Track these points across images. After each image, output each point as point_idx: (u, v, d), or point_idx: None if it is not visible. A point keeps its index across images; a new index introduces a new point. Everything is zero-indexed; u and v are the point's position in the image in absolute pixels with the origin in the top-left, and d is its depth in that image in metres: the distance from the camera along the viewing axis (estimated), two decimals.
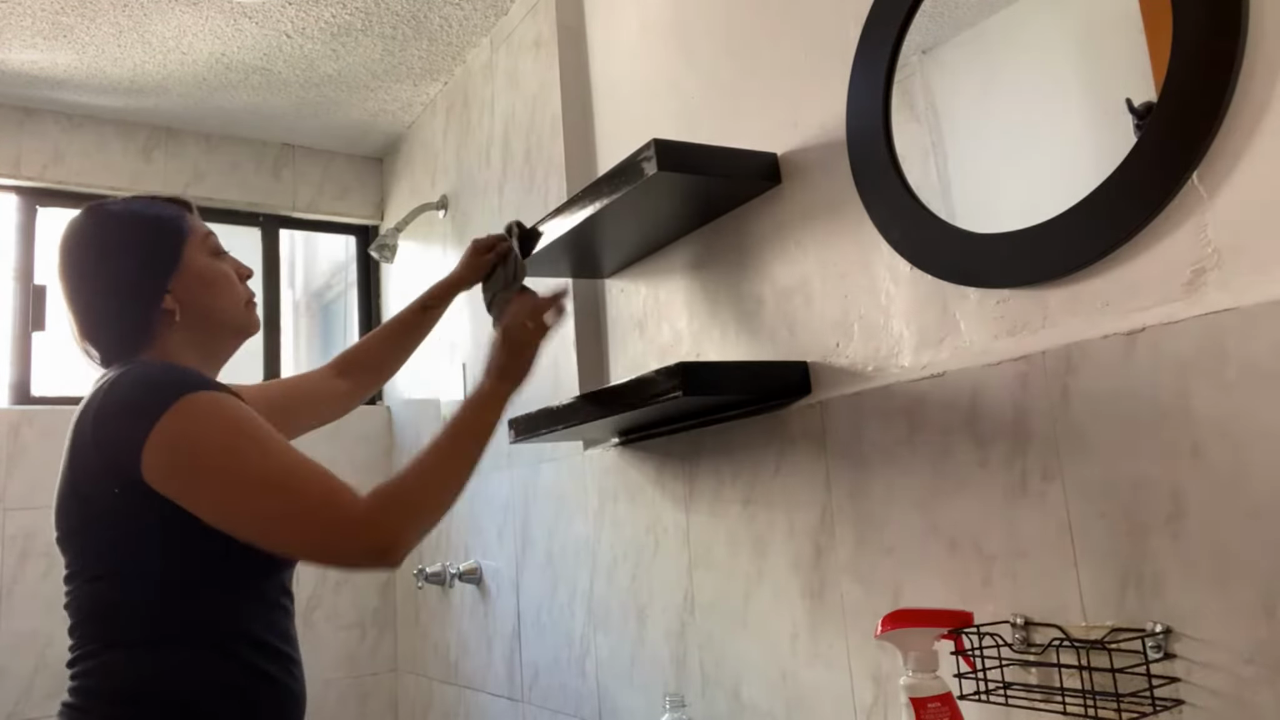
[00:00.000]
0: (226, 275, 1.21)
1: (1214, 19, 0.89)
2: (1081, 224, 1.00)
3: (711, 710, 1.51)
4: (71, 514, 1.07)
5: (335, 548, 1.02)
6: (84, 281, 1.15)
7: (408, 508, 1.04)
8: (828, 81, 1.35)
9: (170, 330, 1.15)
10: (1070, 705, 0.97)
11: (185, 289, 1.16)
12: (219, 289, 1.19)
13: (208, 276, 1.18)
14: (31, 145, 2.58)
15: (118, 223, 1.17)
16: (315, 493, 1.00)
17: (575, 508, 1.91)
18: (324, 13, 2.20)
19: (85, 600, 1.06)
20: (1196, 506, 0.89)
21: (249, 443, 1.02)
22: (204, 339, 1.18)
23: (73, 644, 1.07)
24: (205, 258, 1.19)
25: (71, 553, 1.08)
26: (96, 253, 1.16)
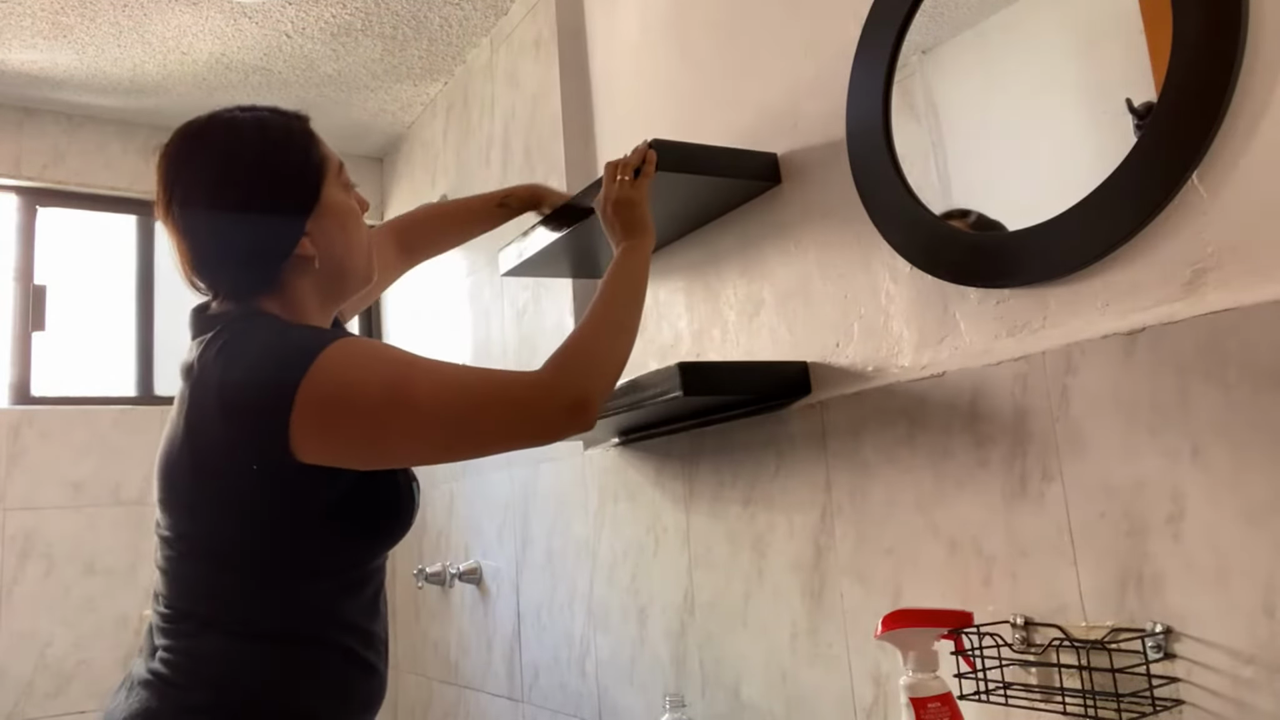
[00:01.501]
0: (355, 214, 1.09)
1: (1214, 19, 0.89)
2: (1081, 224, 1.00)
3: (711, 710, 1.51)
4: (185, 483, 0.98)
5: (532, 419, 0.97)
6: (207, 203, 1.00)
7: (588, 364, 1.01)
8: (828, 81, 1.35)
9: (301, 276, 1.04)
10: (1070, 705, 0.97)
11: (322, 231, 1.04)
12: (354, 231, 1.08)
13: (345, 216, 1.07)
14: (31, 145, 2.58)
15: (252, 141, 1.03)
16: (491, 381, 0.98)
17: (575, 508, 1.91)
18: (324, 13, 2.20)
19: (189, 573, 0.99)
20: (1196, 506, 0.89)
21: (400, 368, 0.95)
22: (331, 286, 1.08)
23: (167, 612, 0.99)
24: (342, 193, 1.07)
25: (181, 520, 0.99)
26: (226, 175, 1.01)
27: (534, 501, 2.06)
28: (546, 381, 0.98)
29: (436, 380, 0.95)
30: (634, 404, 1.36)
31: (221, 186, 1.01)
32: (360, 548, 1.02)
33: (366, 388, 0.93)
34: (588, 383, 1.00)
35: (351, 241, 1.07)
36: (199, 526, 0.98)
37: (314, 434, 0.91)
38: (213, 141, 1.03)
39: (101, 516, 2.49)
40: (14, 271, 2.56)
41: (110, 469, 2.52)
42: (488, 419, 0.96)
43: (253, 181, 1.01)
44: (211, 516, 0.97)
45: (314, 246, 1.02)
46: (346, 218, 1.07)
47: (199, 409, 0.96)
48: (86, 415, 2.52)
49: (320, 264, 1.03)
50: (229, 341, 0.97)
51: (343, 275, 1.08)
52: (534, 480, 2.07)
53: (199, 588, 0.99)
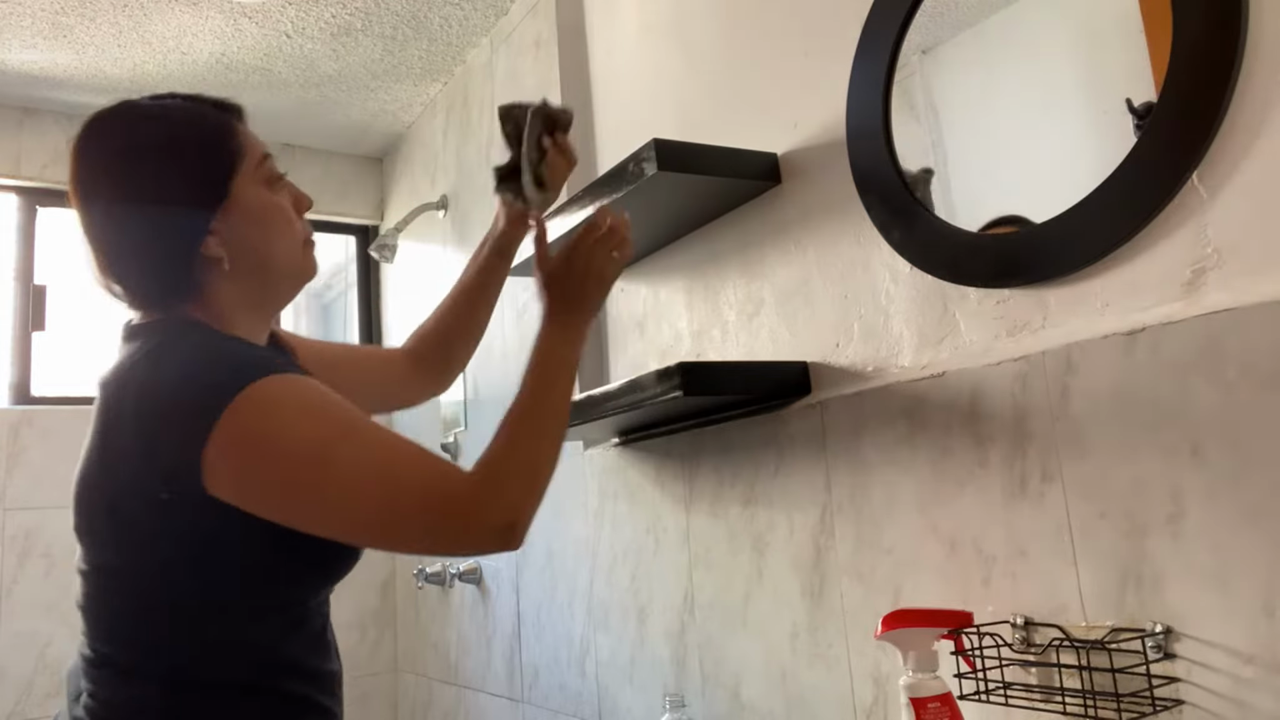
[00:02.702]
0: (283, 211, 0.99)
1: (1214, 19, 0.89)
2: (1081, 224, 1.00)
3: (711, 710, 1.51)
4: (98, 505, 0.89)
5: (454, 536, 0.88)
6: (105, 204, 0.92)
7: (522, 479, 0.90)
8: (828, 81, 1.35)
9: (217, 279, 0.94)
10: (1070, 705, 0.97)
11: (233, 229, 0.93)
12: (275, 229, 0.97)
13: (261, 213, 0.96)
14: (31, 145, 2.58)
15: (153, 131, 0.94)
16: (419, 479, 0.86)
17: (575, 508, 1.91)
18: (324, 13, 2.20)
19: (108, 612, 0.89)
20: (1196, 506, 0.89)
21: (332, 429, 0.85)
22: (257, 288, 0.97)
23: (89, 654, 0.90)
24: (258, 188, 0.97)
25: (94, 548, 0.90)
26: (123, 167, 0.93)
27: None
28: (477, 497, 0.87)
29: (361, 460, 0.84)
30: (634, 404, 1.36)
31: (118, 180, 0.92)
32: (304, 582, 0.93)
33: (286, 442, 0.83)
34: (521, 501, 0.90)
35: (272, 241, 0.97)
36: (117, 559, 0.88)
37: (224, 473, 0.82)
38: (113, 131, 0.94)
39: None
40: (14, 271, 2.56)
41: None
42: (403, 524, 0.86)
43: (149, 174, 0.92)
44: (129, 548, 0.87)
45: (222, 247, 0.93)
46: (265, 214, 0.96)
47: (114, 430, 0.88)
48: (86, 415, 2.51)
49: (234, 266, 0.93)
50: (149, 353, 0.89)
51: (267, 278, 0.98)
52: None
53: (120, 629, 0.89)
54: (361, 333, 3.05)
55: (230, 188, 0.94)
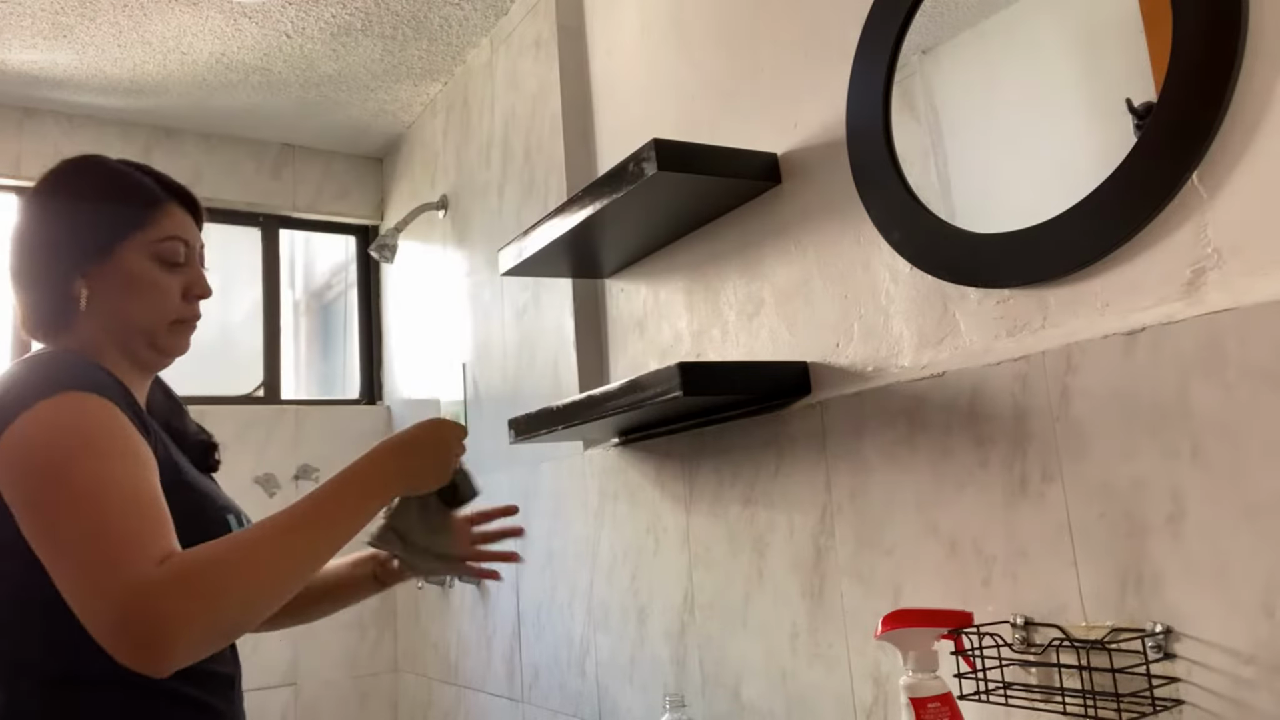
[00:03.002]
0: (157, 287, 1.03)
1: (1214, 19, 0.89)
2: (1081, 224, 1.00)
3: (711, 710, 1.51)
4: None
5: (96, 618, 0.76)
6: (17, 238, 1.03)
7: (210, 590, 0.78)
8: (828, 81, 1.35)
9: (86, 320, 1.00)
10: (1070, 705, 0.97)
11: (103, 284, 1.01)
12: (140, 298, 1.02)
13: (133, 281, 1.01)
14: (31, 145, 2.58)
15: (74, 184, 1.05)
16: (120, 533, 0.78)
17: (575, 508, 1.91)
18: (324, 13, 2.20)
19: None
20: (1196, 506, 0.89)
21: (85, 459, 0.83)
22: (121, 341, 1.02)
23: None
24: (146, 262, 1.02)
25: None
26: (39, 208, 1.04)
27: (534, 501, 2.06)
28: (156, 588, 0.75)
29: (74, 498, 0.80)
30: (634, 404, 1.36)
31: (30, 224, 1.03)
32: None
33: (40, 457, 0.83)
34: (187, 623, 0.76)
35: (134, 306, 1.02)
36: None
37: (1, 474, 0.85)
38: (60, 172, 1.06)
39: None
40: None
41: None
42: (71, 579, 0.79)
43: (57, 210, 1.03)
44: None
45: (85, 291, 0.99)
46: (136, 284, 1.02)
47: None
48: None
49: (90, 309, 1.00)
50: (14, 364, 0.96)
51: (127, 337, 1.02)
52: (534, 480, 2.07)
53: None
54: (361, 333, 3.05)
55: (114, 249, 1.01)
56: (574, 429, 1.57)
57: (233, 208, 2.86)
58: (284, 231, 3.00)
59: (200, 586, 0.77)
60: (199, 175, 2.79)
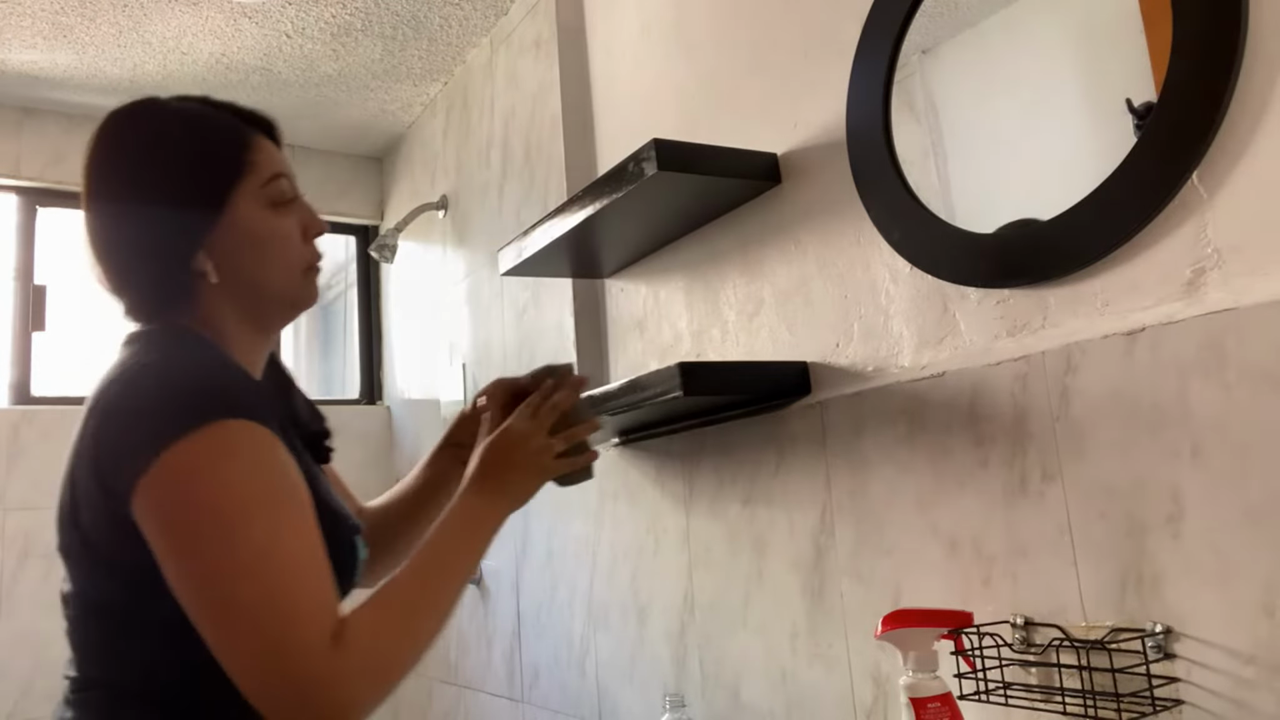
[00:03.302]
0: (278, 235, 0.93)
1: (1214, 19, 0.89)
2: (1081, 224, 1.00)
3: (711, 710, 1.51)
4: (67, 522, 0.85)
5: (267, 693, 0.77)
6: (102, 212, 0.90)
7: (382, 667, 0.81)
8: (828, 81, 1.35)
9: (208, 292, 0.90)
10: (1070, 705, 0.97)
11: (226, 249, 0.89)
12: (269, 254, 0.92)
13: (256, 236, 0.91)
14: (31, 145, 2.58)
15: (158, 133, 0.91)
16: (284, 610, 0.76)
17: (575, 508, 1.91)
18: (324, 13, 2.20)
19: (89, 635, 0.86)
20: (1196, 506, 0.89)
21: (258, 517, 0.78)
22: (250, 309, 0.93)
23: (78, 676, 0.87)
24: (260, 211, 0.92)
25: (72, 569, 0.86)
26: (124, 169, 0.90)
27: (534, 501, 2.06)
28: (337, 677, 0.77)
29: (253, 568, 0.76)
30: (634, 404, 1.36)
31: (118, 181, 0.90)
32: None
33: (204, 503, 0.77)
34: (371, 695, 0.80)
35: (267, 265, 0.92)
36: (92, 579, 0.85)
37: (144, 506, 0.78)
38: (122, 130, 0.92)
39: None
40: (14, 271, 2.56)
41: None
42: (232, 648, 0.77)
43: (147, 178, 0.89)
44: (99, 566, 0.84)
45: (210, 261, 0.89)
46: (261, 238, 0.92)
47: (85, 426, 0.83)
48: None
49: (221, 282, 0.90)
50: (130, 362, 0.86)
51: (259, 299, 0.93)
52: None
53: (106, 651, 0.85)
54: (361, 333, 3.05)
55: (227, 202, 0.90)
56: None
57: None
58: None
59: (376, 667, 0.80)
60: None
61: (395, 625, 0.83)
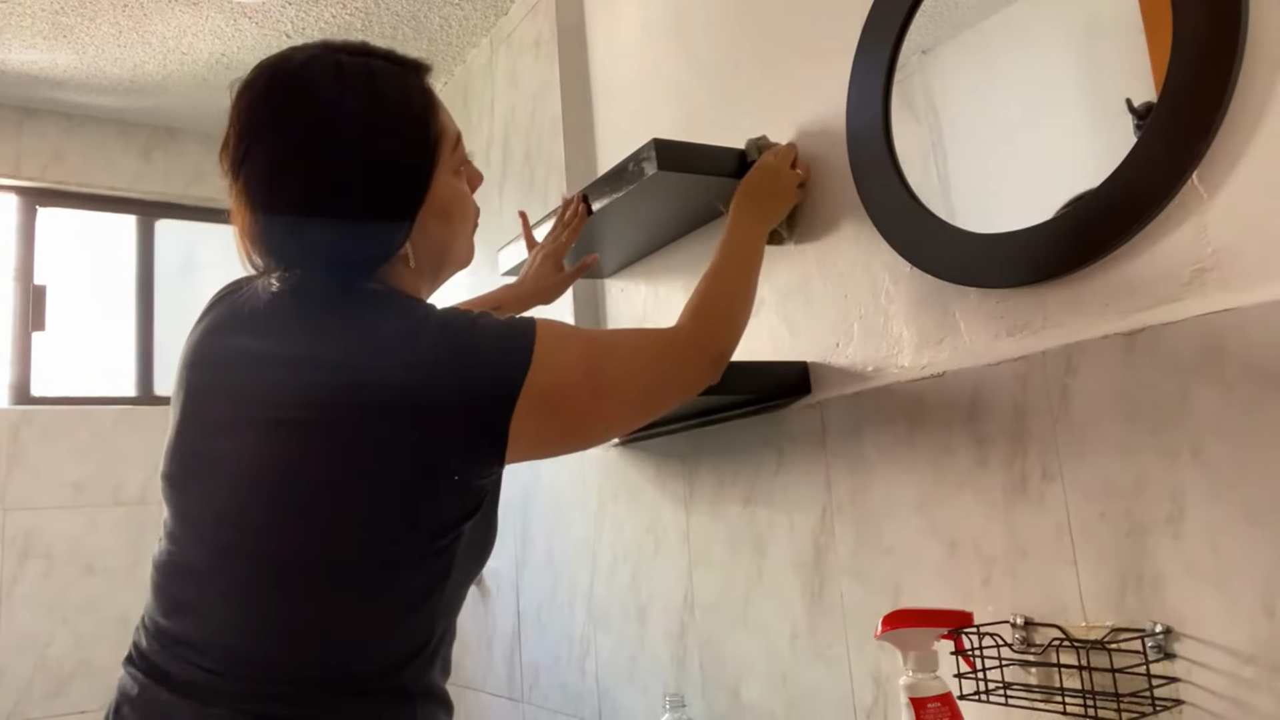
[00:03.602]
0: (469, 204, 0.95)
1: (1214, 19, 0.89)
2: (1081, 224, 1.00)
3: (711, 710, 1.51)
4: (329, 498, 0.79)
5: (691, 377, 1.02)
6: (291, 176, 0.82)
7: (723, 319, 1.07)
8: (828, 81, 1.35)
9: (399, 268, 0.88)
10: (1070, 705, 0.97)
11: (423, 228, 0.87)
12: (458, 224, 0.92)
13: (451, 208, 0.90)
14: (31, 145, 2.58)
15: (363, 105, 0.83)
16: (659, 344, 1.00)
17: (575, 508, 1.91)
18: (324, 13, 2.20)
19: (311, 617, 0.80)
20: (1196, 506, 0.89)
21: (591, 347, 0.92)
22: (429, 276, 0.93)
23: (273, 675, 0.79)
24: (451, 178, 0.90)
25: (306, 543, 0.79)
26: (319, 142, 0.82)
27: (534, 501, 2.06)
28: (696, 336, 1.02)
29: (622, 358, 0.93)
30: None
31: (311, 165, 0.82)
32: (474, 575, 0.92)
33: (576, 379, 0.86)
34: (727, 339, 1.06)
35: (456, 233, 0.93)
36: (341, 553, 0.79)
37: (531, 431, 0.81)
38: (310, 96, 0.83)
39: (101, 517, 2.49)
40: (14, 271, 2.56)
41: (110, 469, 2.52)
42: (665, 384, 0.99)
43: (352, 167, 0.82)
44: (366, 540, 0.79)
45: (411, 243, 0.86)
46: (452, 207, 0.90)
47: (360, 413, 0.78)
48: (86, 415, 2.52)
49: (418, 263, 0.88)
50: (384, 324, 0.81)
51: (441, 266, 0.94)
52: (534, 480, 2.07)
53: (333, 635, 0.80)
54: None
55: (432, 179, 0.87)
56: None
57: None
58: None
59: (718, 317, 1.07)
60: (199, 175, 2.79)
61: (714, 306, 1.07)
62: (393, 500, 0.79)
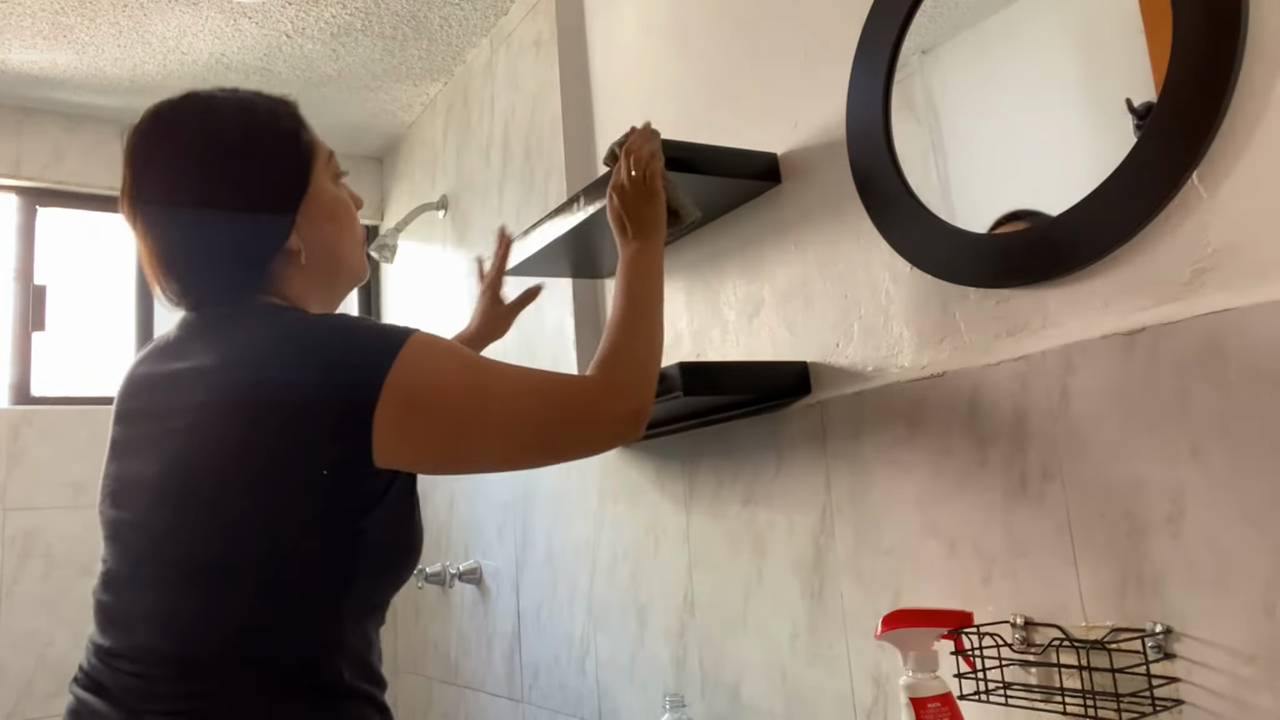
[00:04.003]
0: (349, 207, 1.00)
1: (1214, 19, 0.89)
2: (1081, 224, 1.00)
3: (711, 710, 1.51)
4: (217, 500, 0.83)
5: (594, 430, 0.96)
6: (181, 196, 0.89)
7: (635, 368, 1.00)
8: (828, 81, 1.35)
9: (293, 272, 0.93)
10: (1070, 705, 0.97)
11: (311, 224, 0.93)
12: (343, 225, 0.98)
13: (334, 209, 0.97)
14: (31, 145, 2.58)
15: (237, 123, 0.93)
16: (559, 389, 0.94)
17: (575, 508, 1.91)
18: (324, 13, 2.20)
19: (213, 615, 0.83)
20: (1196, 506, 0.89)
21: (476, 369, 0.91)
22: (325, 283, 0.98)
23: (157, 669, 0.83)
24: (330, 183, 0.98)
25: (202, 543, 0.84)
26: (205, 159, 0.90)
27: (534, 501, 2.06)
28: (607, 391, 0.96)
29: (511, 385, 0.92)
30: None
31: (198, 177, 0.90)
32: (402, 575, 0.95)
33: (449, 388, 0.87)
34: (642, 389, 0.99)
35: (344, 234, 0.98)
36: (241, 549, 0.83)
37: (395, 432, 0.83)
38: (189, 126, 0.92)
39: None
40: (14, 271, 2.56)
41: None
42: (567, 431, 0.94)
43: (234, 170, 0.91)
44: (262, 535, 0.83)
45: (301, 240, 0.93)
46: (337, 208, 0.98)
47: (253, 412, 0.84)
48: (86, 415, 2.52)
49: (309, 260, 0.94)
50: (268, 330, 0.88)
51: (336, 271, 0.99)
52: (534, 480, 2.07)
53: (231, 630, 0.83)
54: None
55: (310, 179, 0.95)
56: None
57: None
58: None
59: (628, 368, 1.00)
60: None
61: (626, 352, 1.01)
62: (277, 496, 0.83)
